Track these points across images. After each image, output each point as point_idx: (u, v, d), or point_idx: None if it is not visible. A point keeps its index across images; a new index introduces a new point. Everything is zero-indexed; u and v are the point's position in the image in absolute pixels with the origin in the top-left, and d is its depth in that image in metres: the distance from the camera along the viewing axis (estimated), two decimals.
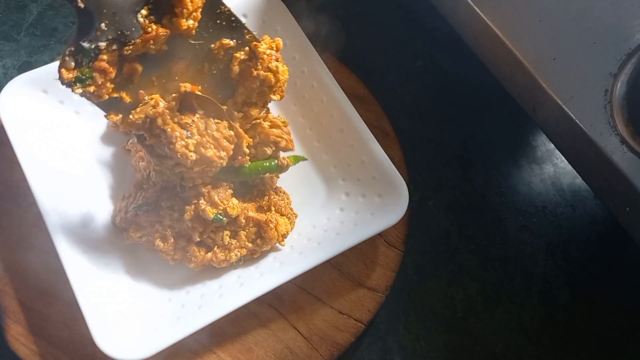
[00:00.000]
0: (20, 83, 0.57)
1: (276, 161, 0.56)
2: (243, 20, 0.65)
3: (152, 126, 0.47)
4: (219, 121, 0.50)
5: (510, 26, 0.51)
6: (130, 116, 0.47)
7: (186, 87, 0.48)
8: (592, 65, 0.47)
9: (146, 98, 0.47)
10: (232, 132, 0.52)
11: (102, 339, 0.47)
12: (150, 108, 0.46)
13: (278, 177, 0.60)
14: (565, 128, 0.49)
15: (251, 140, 0.54)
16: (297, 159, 0.58)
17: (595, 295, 0.66)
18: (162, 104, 0.47)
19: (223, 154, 0.51)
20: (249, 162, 0.55)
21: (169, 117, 0.47)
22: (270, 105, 0.65)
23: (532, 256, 0.67)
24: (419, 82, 0.76)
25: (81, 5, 0.38)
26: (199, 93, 0.48)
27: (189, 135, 0.48)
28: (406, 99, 0.75)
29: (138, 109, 0.47)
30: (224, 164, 0.52)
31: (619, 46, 0.46)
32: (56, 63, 0.58)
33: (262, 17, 0.65)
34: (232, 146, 0.52)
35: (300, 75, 0.64)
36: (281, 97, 0.51)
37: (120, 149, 0.61)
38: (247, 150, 0.54)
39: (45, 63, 0.63)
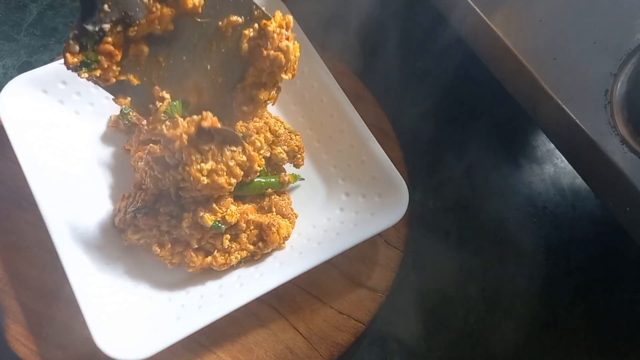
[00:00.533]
0: (20, 83, 0.57)
1: (278, 178, 0.58)
2: None
3: (169, 143, 0.47)
4: (234, 149, 0.50)
5: (510, 26, 0.51)
6: (145, 123, 0.47)
7: (206, 120, 0.47)
8: (592, 65, 0.47)
9: (162, 95, 0.46)
10: (244, 158, 0.52)
11: (102, 339, 0.47)
12: (169, 128, 0.46)
13: None
14: (565, 128, 0.49)
15: (262, 162, 0.54)
16: (295, 178, 0.60)
17: (595, 295, 0.66)
18: (181, 124, 0.46)
19: (233, 180, 0.51)
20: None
21: (186, 142, 0.47)
22: (270, 105, 0.65)
23: (532, 256, 0.67)
24: (419, 82, 0.76)
25: None
26: (219, 126, 0.48)
27: (204, 160, 0.48)
28: (406, 99, 0.75)
29: (152, 118, 0.46)
30: (232, 189, 0.52)
31: (619, 46, 0.46)
32: (56, 63, 0.59)
33: None
34: (242, 173, 0.52)
35: (300, 75, 0.64)
36: (293, 76, 0.50)
37: (120, 149, 0.61)
38: (259, 169, 0.54)
39: (45, 63, 0.63)
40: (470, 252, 0.67)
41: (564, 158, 0.71)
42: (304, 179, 0.61)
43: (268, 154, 0.59)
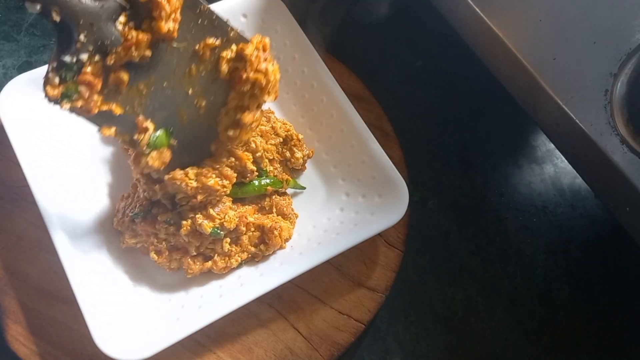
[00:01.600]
0: (20, 83, 0.57)
1: (277, 178, 0.58)
2: (242, 20, 0.65)
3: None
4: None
5: (510, 26, 0.51)
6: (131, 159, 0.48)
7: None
8: (592, 65, 0.47)
9: (145, 125, 0.46)
10: (232, 159, 0.52)
11: (102, 339, 0.47)
12: (154, 160, 0.47)
13: None
14: (565, 128, 0.49)
15: (250, 158, 0.55)
16: (295, 184, 0.61)
17: (595, 295, 0.66)
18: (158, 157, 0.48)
19: (226, 182, 0.51)
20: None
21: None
22: (270, 105, 0.65)
23: (532, 256, 0.67)
24: (419, 82, 0.76)
25: (57, 18, 0.37)
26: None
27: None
28: (406, 99, 0.75)
29: (136, 152, 0.47)
30: (228, 191, 0.52)
31: (619, 46, 0.46)
32: None
33: (262, 17, 0.65)
34: (235, 174, 0.52)
35: (300, 75, 0.64)
36: (275, 98, 0.50)
37: (120, 149, 0.61)
38: (254, 168, 0.54)
39: (45, 63, 0.63)
40: (470, 252, 0.67)
41: (564, 158, 0.71)
42: (305, 188, 0.61)
43: (271, 157, 0.59)
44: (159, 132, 0.47)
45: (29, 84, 0.57)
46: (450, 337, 0.62)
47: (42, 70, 0.58)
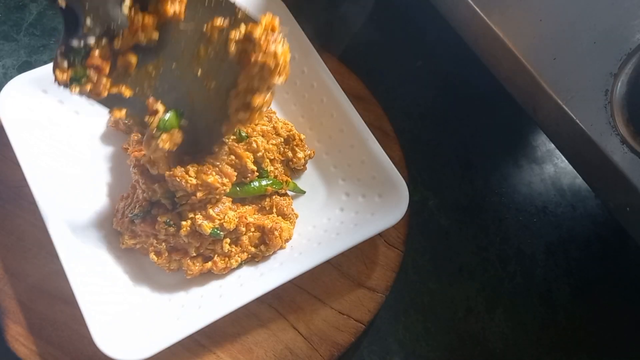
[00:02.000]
0: (20, 83, 0.57)
1: (277, 180, 0.58)
2: None
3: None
4: (216, 149, 0.51)
5: (510, 26, 0.51)
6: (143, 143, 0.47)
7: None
8: (592, 65, 0.47)
9: (156, 107, 0.46)
10: (232, 157, 0.52)
11: (102, 339, 0.47)
12: (165, 142, 0.47)
13: None
14: (565, 128, 0.49)
15: (250, 157, 0.54)
16: (295, 187, 0.61)
17: (595, 295, 0.66)
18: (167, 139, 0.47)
19: (226, 180, 0.51)
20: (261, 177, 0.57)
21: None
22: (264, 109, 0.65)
23: (532, 256, 0.67)
24: (419, 82, 0.76)
25: (62, 4, 0.38)
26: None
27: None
28: (406, 99, 0.75)
29: (147, 135, 0.47)
30: (227, 190, 0.52)
31: (619, 46, 0.46)
32: None
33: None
34: (236, 173, 0.52)
35: (300, 75, 0.64)
36: (286, 79, 0.48)
37: (120, 149, 0.61)
38: (255, 168, 0.54)
39: (45, 63, 0.63)
40: (470, 252, 0.67)
41: (564, 158, 0.71)
42: (304, 192, 0.61)
43: (272, 157, 0.59)
44: (169, 114, 0.47)
45: (29, 84, 0.57)
46: (450, 337, 0.62)
47: (42, 70, 0.58)
